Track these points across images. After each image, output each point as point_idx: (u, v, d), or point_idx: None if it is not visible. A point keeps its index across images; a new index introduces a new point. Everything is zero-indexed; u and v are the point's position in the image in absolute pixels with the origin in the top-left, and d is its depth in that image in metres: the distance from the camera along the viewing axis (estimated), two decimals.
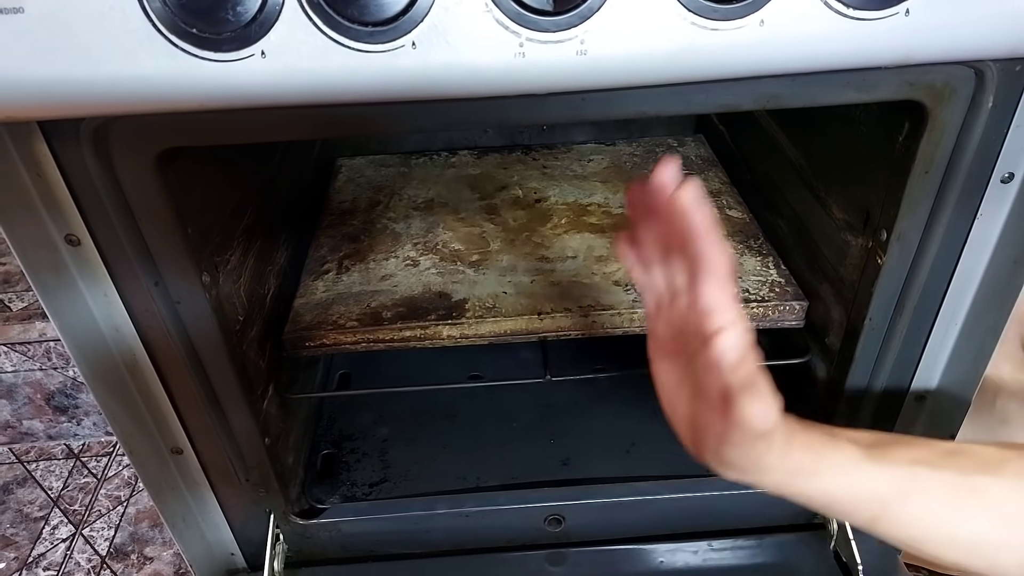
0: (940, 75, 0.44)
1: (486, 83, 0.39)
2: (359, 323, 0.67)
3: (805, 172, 0.69)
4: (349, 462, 0.76)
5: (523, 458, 0.76)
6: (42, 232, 0.47)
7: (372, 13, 0.36)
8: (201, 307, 0.52)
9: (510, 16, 0.36)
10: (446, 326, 0.66)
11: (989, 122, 0.46)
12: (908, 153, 0.49)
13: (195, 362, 0.55)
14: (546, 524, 0.72)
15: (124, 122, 0.42)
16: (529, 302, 0.68)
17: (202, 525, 0.67)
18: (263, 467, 0.63)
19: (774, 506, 0.72)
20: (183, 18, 0.35)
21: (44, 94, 0.37)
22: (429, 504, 0.71)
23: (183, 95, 0.38)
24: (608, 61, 0.38)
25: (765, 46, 0.38)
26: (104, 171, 0.44)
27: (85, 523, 1.14)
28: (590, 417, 0.81)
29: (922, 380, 0.61)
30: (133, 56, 0.36)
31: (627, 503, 0.71)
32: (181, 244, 0.49)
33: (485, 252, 0.75)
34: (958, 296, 0.56)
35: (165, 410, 0.58)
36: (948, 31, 0.39)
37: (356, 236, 0.80)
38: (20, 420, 1.25)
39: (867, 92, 0.44)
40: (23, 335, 1.16)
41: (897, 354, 0.59)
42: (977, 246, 0.53)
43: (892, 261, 0.54)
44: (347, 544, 0.72)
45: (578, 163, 0.92)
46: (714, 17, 0.37)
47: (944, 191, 0.50)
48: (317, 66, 0.37)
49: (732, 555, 0.72)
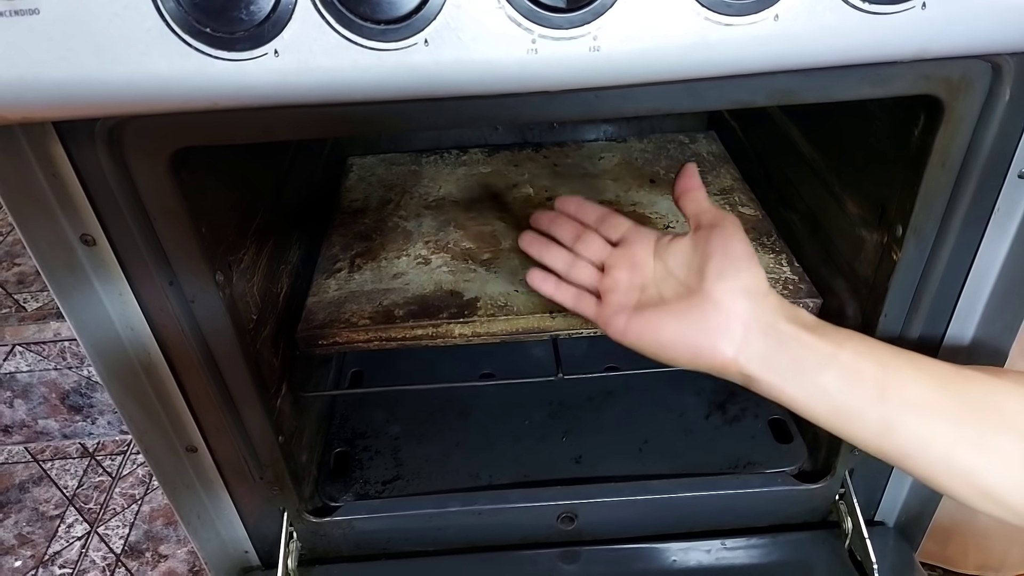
0: (956, 69, 0.43)
1: (499, 80, 0.39)
2: (371, 321, 0.67)
3: (819, 167, 0.69)
4: (362, 460, 0.77)
5: (535, 456, 0.76)
6: (57, 232, 0.47)
7: (385, 11, 0.36)
8: (215, 306, 0.52)
9: (523, 13, 0.36)
10: (458, 324, 0.66)
11: (1006, 116, 0.46)
12: (924, 147, 0.48)
13: (209, 360, 0.55)
14: (559, 522, 0.72)
15: (138, 122, 0.42)
16: (541, 300, 0.68)
17: (216, 523, 0.67)
18: (277, 465, 0.63)
19: (788, 504, 0.72)
20: (197, 17, 0.35)
21: (59, 94, 0.37)
22: (442, 502, 0.71)
23: (197, 94, 0.38)
24: (621, 57, 0.38)
25: (779, 41, 0.38)
26: (118, 171, 0.44)
27: (100, 521, 1.15)
28: (602, 415, 0.80)
29: None
30: (147, 56, 0.36)
31: (640, 501, 0.70)
32: (195, 243, 0.49)
33: (497, 250, 0.75)
34: (975, 291, 0.55)
35: (179, 408, 0.58)
36: (964, 24, 0.38)
37: (368, 235, 0.80)
38: (35, 419, 1.26)
39: (882, 86, 0.44)
40: (38, 335, 1.17)
41: (913, 350, 0.58)
42: (994, 241, 0.52)
43: (908, 256, 0.53)
44: (360, 542, 0.72)
45: (589, 161, 0.92)
46: (728, 12, 0.37)
47: (960, 186, 0.49)
48: (330, 64, 0.37)
49: (745, 554, 0.72)
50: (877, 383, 0.43)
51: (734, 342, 0.46)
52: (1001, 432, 0.41)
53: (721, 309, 0.46)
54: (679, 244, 0.51)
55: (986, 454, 0.41)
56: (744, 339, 0.45)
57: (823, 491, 0.70)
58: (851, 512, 0.68)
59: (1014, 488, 0.41)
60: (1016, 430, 0.41)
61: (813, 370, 0.44)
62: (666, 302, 0.49)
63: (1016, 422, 0.41)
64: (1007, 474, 0.41)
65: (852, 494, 0.68)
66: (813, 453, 0.73)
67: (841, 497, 0.70)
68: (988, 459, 0.41)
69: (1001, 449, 0.41)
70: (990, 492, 0.42)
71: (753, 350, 0.45)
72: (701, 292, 0.47)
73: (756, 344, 0.45)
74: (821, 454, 0.71)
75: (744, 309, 0.46)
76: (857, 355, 0.44)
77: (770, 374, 0.45)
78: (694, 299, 0.47)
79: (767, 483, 0.71)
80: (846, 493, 0.69)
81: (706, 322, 0.46)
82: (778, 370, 0.45)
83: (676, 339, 0.48)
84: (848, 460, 0.67)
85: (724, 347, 0.46)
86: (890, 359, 0.44)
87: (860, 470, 0.68)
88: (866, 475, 0.68)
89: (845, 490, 0.69)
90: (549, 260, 0.58)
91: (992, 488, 0.41)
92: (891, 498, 0.71)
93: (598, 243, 0.56)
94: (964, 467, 0.42)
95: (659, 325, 0.49)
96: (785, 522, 0.73)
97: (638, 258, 0.52)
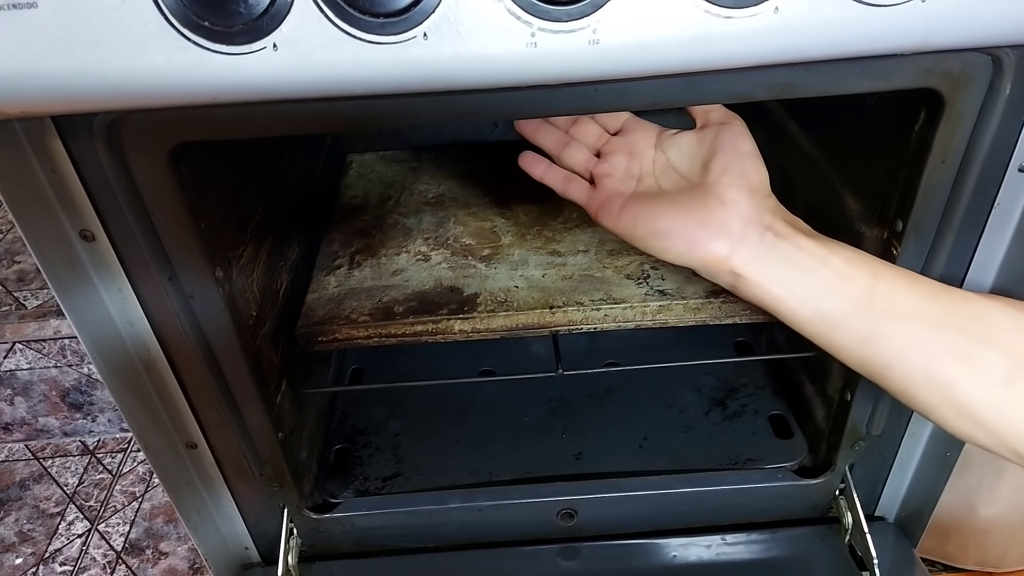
0: (957, 62, 0.43)
1: (498, 74, 0.39)
2: (371, 318, 0.67)
3: (818, 163, 0.69)
4: (362, 456, 0.77)
5: (535, 452, 0.76)
6: (57, 228, 0.47)
7: (383, 4, 0.36)
8: (214, 302, 0.52)
9: (522, 6, 0.36)
10: (458, 320, 0.66)
11: (1006, 110, 0.46)
12: (924, 142, 0.48)
13: (209, 357, 0.55)
14: (559, 518, 0.72)
15: (137, 117, 0.42)
16: (541, 296, 0.68)
17: (217, 520, 0.67)
18: (277, 461, 0.63)
19: (788, 499, 0.72)
20: (195, 11, 0.35)
21: (58, 89, 0.37)
22: (442, 498, 0.71)
23: (195, 89, 0.38)
24: (621, 50, 0.38)
25: (780, 33, 0.38)
26: (117, 167, 0.44)
27: (100, 519, 1.15)
28: (603, 411, 0.80)
29: None
30: (146, 50, 0.36)
31: (640, 497, 0.70)
32: (194, 239, 0.49)
33: (496, 246, 0.75)
34: (975, 287, 0.55)
35: (179, 405, 0.58)
36: (966, 17, 0.38)
37: (367, 231, 0.80)
38: (36, 417, 1.26)
39: (883, 80, 0.43)
40: (38, 332, 1.17)
41: None
42: (994, 236, 0.52)
43: (908, 252, 0.53)
44: (360, 538, 0.72)
45: None
46: (728, 4, 0.37)
47: (961, 180, 0.49)
48: (329, 58, 0.37)
49: (746, 549, 0.72)
50: (867, 289, 0.43)
51: (731, 238, 0.45)
52: (985, 346, 0.40)
53: (724, 203, 0.46)
54: (683, 138, 0.50)
55: (967, 366, 0.40)
56: (741, 236, 0.45)
57: (823, 486, 0.70)
58: (851, 507, 0.68)
59: (991, 405, 0.40)
60: (1001, 346, 0.40)
61: (804, 271, 0.44)
62: (665, 194, 0.48)
63: (1003, 339, 0.40)
64: (986, 389, 0.40)
65: (852, 489, 0.68)
66: (813, 449, 0.73)
67: (841, 492, 0.70)
68: (968, 372, 0.40)
69: (983, 362, 0.40)
70: (966, 407, 0.41)
71: (747, 247, 0.45)
72: (704, 186, 0.47)
73: (751, 241, 0.45)
74: (821, 450, 0.71)
75: (746, 205, 0.45)
76: (849, 261, 0.44)
77: (759, 274, 0.45)
78: (696, 192, 0.47)
79: (767, 479, 0.71)
80: (846, 488, 0.69)
81: (706, 215, 0.46)
82: (768, 270, 0.44)
83: (672, 229, 0.47)
84: (848, 455, 0.67)
85: (720, 242, 0.45)
86: (882, 269, 0.44)
87: (860, 465, 0.68)
88: (866, 470, 0.68)
89: (845, 485, 0.69)
90: (541, 140, 0.56)
91: (968, 403, 0.40)
92: (891, 494, 0.71)
93: (595, 129, 0.54)
94: (943, 378, 0.41)
95: (656, 214, 0.48)
96: (785, 517, 0.73)
97: (638, 147, 0.51)
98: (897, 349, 0.42)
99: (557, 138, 0.54)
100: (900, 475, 0.69)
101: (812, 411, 0.73)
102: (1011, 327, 0.41)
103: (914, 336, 0.42)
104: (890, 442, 0.66)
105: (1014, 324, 0.41)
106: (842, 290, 0.43)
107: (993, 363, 0.40)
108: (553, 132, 0.54)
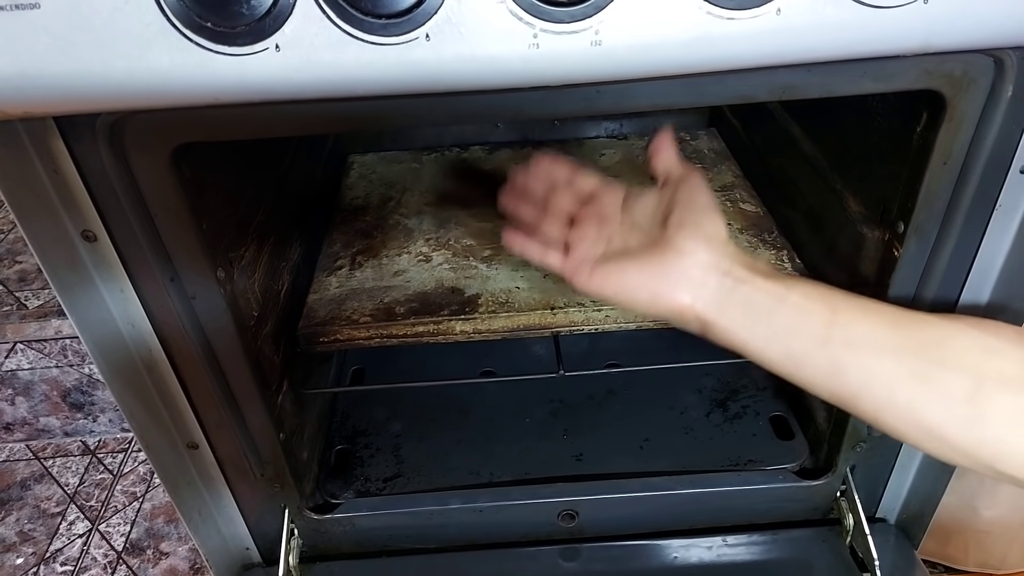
0: (959, 64, 0.43)
1: (500, 75, 0.39)
2: (372, 319, 0.67)
3: (820, 164, 0.69)
4: (363, 457, 0.77)
5: (536, 453, 0.76)
6: (59, 228, 0.47)
7: (386, 5, 0.36)
8: (216, 302, 0.52)
9: (524, 7, 0.36)
10: (459, 321, 0.66)
11: (1008, 112, 0.46)
12: (926, 144, 0.48)
13: (210, 357, 0.55)
14: (560, 519, 0.72)
15: (139, 118, 0.42)
16: (542, 297, 0.68)
17: (218, 520, 0.67)
18: (278, 462, 0.63)
19: (789, 501, 0.71)
20: (197, 12, 0.35)
21: (60, 90, 0.37)
22: (443, 499, 0.71)
23: (198, 89, 0.38)
24: (623, 51, 0.38)
25: (782, 35, 0.38)
26: (120, 167, 0.44)
27: (101, 519, 1.15)
28: (603, 412, 0.80)
29: None
30: (148, 51, 0.36)
31: (641, 498, 0.70)
32: (196, 240, 0.49)
33: (497, 247, 0.75)
34: (977, 289, 0.55)
35: (181, 405, 0.58)
36: (968, 18, 0.38)
37: (368, 232, 0.80)
38: (37, 417, 1.26)
39: (884, 82, 0.44)
40: (39, 333, 1.17)
41: None
42: (996, 238, 0.52)
43: (909, 254, 0.53)
44: (361, 539, 0.72)
45: (590, 158, 0.92)
46: (730, 6, 0.37)
47: (962, 182, 0.49)
48: (331, 59, 0.37)
49: (747, 550, 0.72)
50: (825, 322, 0.43)
51: (691, 287, 0.46)
52: (944, 368, 0.41)
53: (682, 254, 0.47)
54: (646, 197, 0.52)
55: (926, 388, 0.41)
56: (701, 283, 0.46)
57: (824, 488, 0.70)
58: (852, 509, 0.68)
59: (955, 424, 0.41)
60: (961, 367, 0.41)
61: (764, 312, 0.45)
62: (630, 252, 0.50)
63: (961, 359, 0.41)
64: (950, 410, 0.41)
65: (853, 491, 0.68)
66: (814, 450, 0.73)
67: (842, 494, 0.70)
68: (930, 394, 0.41)
69: (943, 384, 0.41)
70: (935, 429, 0.41)
71: (709, 295, 0.46)
72: (664, 240, 0.48)
73: (711, 288, 0.46)
74: (822, 451, 0.71)
75: (703, 253, 0.47)
76: (807, 297, 0.44)
77: (724, 319, 0.46)
78: (656, 247, 0.48)
79: (768, 480, 0.71)
80: (847, 490, 0.69)
81: (666, 267, 0.47)
82: (731, 315, 0.45)
83: (637, 283, 0.49)
84: (849, 457, 0.67)
85: (681, 292, 0.47)
86: (840, 301, 0.44)
87: (861, 467, 0.68)
88: (867, 472, 0.68)
89: (846, 487, 0.69)
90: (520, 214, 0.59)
91: (935, 425, 0.41)
92: (892, 495, 0.71)
93: (568, 198, 0.56)
94: (906, 402, 0.41)
95: (621, 272, 0.49)
96: (786, 519, 0.73)
97: (607, 211, 0.53)
98: (861, 379, 0.43)
99: (534, 212, 0.57)
100: (901, 477, 0.69)
101: (813, 412, 0.73)
102: (972, 347, 0.42)
103: (873, 365, 0.42)
104: (891, 444, 0.66)
105: (975, 344, 0.42)
106: (802, 327, 0.44)
107: (953, 383, 0.41)
108: (530, 208, 0.58)
